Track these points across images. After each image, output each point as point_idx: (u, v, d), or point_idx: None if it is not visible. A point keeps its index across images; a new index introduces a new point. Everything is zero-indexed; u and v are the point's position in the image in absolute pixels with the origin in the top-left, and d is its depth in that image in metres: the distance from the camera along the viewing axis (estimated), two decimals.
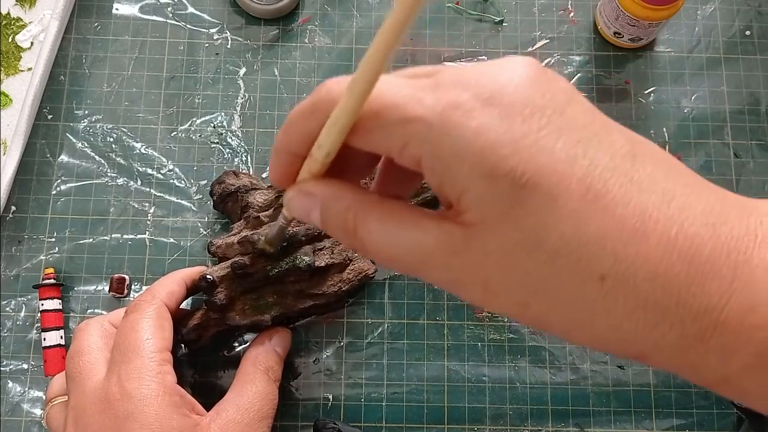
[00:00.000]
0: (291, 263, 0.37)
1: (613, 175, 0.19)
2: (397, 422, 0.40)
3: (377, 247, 0.21)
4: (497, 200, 0.19)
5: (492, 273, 0.20)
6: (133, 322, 0.33)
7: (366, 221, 0.21)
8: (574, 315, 0.20)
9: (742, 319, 0.18)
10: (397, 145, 0.20)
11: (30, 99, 0.44)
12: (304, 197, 0.23)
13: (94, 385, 0.32)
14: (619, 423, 0.41)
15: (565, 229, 0.19)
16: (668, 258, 0.18)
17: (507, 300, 0.20)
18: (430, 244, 0.20)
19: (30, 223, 0.43)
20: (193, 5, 0.48)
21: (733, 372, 0.19)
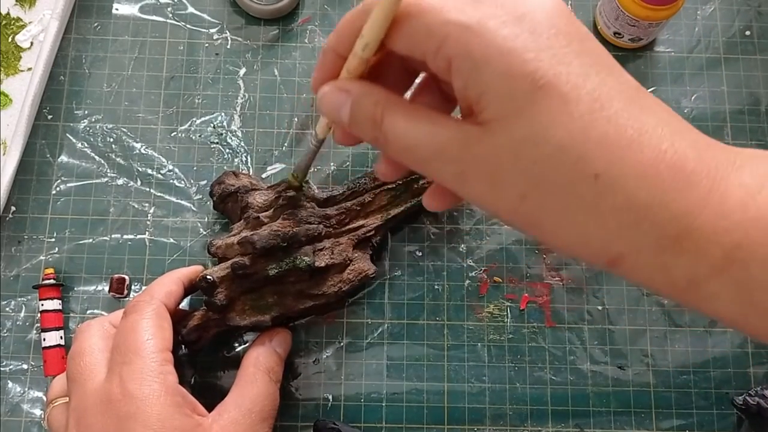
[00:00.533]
0: (291, 263, 0.37)
1: (620, 97, 0.22)
2: (396, 422, 0.40)
3: (398, 138, 0.24)
4: (515, 97, 0.21)
5: (498, 164, 0.22)
6: (133, 322, 0.33)
7: (393, 114, 0.24)
8: (566, 209, 0.22)
9: (714, 224, 0.21)
10: (435, 45, 0.22)
11: (30, 99, 0.44)
12: (338, 92, 0.25)
13: (95, 386, 0.32)
14: (618, 423, 0.41)
15: (572, 129, 0.21)
16: (656, 166, 0.21)
17: (507, 192, 0.23)
18: (446, 137, 0.23)
19: (30, 223, 0.43)
20: (193, 5, 0.48)
21: (701, 273, 0.21)
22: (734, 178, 0.21)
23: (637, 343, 0.42)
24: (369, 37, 0.24)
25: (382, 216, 0.41)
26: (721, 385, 0.41)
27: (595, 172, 0.21)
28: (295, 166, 0.36)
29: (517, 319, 0.42)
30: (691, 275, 0.22)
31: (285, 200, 0.38)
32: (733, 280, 0.21)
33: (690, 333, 0.42)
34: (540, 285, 0.43)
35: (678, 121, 0.22)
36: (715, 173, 0.21)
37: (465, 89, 0.22)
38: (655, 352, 0.42)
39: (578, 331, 0.42)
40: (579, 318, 0.42)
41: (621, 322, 0.42)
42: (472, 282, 0.43)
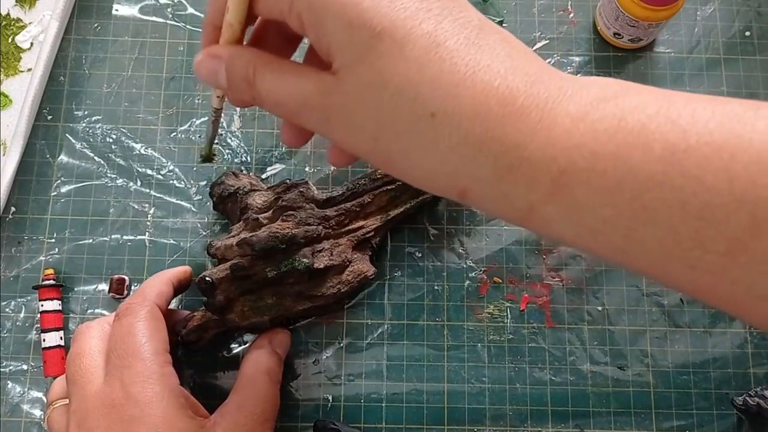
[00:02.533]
0: (290, 265, 0.37)
1: (457, 37, 0.22)
2: (396, 423, 0.40)
3: (268, 93, 0.25)
4: (355, 47, 0.23)
5: (350, 109, 0.24)
6: (128, 325, 0.33)
7: (262, 71, 0.25)
8: (411, 148, 0.23)
9: (543, 152, 0.22)
10: (287, 3, 0.24)
11: (30, 100, 0.44)
12: (211, 59, 0.27)
13: (95, 390, 0.31)
14: (618, 424, 0.41)
15: (407, 71, 0.22)
16: (488, 102, 0.22)
17: (362, 135, 0.24)
18: (308, 89, 0.24)
19: (30, 223, 0.43)
20: (193, 6, 0.48)
21: (536, 199, 0.23)
22: (562, 107, 0.22)
23: (637, 344, 0.42)
24: (232, 11, 0.26)
25: (381, 217, 0.41)
26: (721, 386, 0.41)
27: (431, 111, 0.22)
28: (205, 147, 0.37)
29: (516, 319, 0.42)
30: (528, 202, 0.23)
31: (285, 201, 0.38)
32: (563, 204, 0.22)
33: (690, 333, 0.42)
34: (540, 285, 0.43)
35: (517, 57, 0.23)
36: (544, 105, 0.22)
37: (317, 41, 0.24)
38: (655, 352, 0.42)
39: (578, 332, 0.42)
40: (579, 318, 0.42)
41: (621, 322, 0.42)
42: (472, 282, 0.43)
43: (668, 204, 0.20)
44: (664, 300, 0.43)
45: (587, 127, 0.22)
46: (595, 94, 0.22)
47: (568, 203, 0.22)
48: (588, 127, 0.22)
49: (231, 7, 0.26)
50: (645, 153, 0.21)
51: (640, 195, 0.21)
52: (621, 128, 0.21)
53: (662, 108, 0.21)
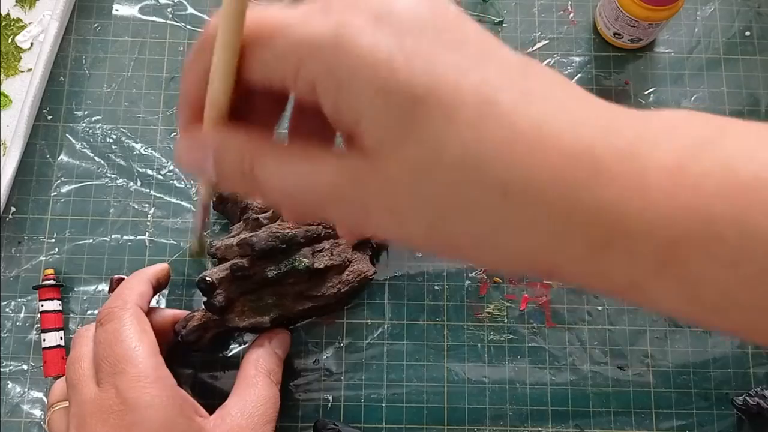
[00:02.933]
0: (290, 265, 0.37)
1: (507, 89, 0.19)
2: (397, 423, 0.40)
3: (276, 186, 0.21)
4: (394, 118, 0.18)
5: (397, 197, 0.19)
6: (115, 332, 0.32)
7: (262, 160, 0.21)
8: (482, 232, 0.19)
9: (643, 221, 0.18)
10: (292, 70, 0.19)
11: (30, 100, 0.44)
12: (195, 147, 0.22)
13: (92, 395, 0.31)
14: (619, 424, 0.41)
15: (463, 140, 0.18)
16: (566, 163, 0.18)
17: (415, 225, 0.20)
18: (331, 176, 0.20)
19: (30, 224, 0.43)
20: (193, 6, 0.48)
21: (640, 276, 0.19)
22: (654, 160, 0.18)
23: (637, 344, 0.42)
24: (218, 82, 0.20)
25: None
26: (721, 386, 0.41)
27: (502, 183, 0.18)
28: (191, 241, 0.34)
29: (516, 319, 0.42)
30: (631, 277, 0.19)
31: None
32: (674, 279, 0.19)
33: (690, 333, 0.42)
34: (540, 285, 0.43)
35: (576, 100, 0.20)
36: (630, 159, 0.18)
37: (337, 114, 0.19)
38: (655, 352, 0.42)
39: (578, 332, 0.42)
40: (579, 318, 0.42)
41: (621, 322, 0.42)
42: (472, 282, 0.43)
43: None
44: None
45: (691, 183, 0.18)
46: (687, 138, 0.19)
47: (680, 278, 0.19)
48: (692, 183, 0.18)
49: (216, 78, 0.20)
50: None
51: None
52: (733, 183, 0.18)
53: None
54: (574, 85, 0.21)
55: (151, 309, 0.38)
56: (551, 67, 0.21)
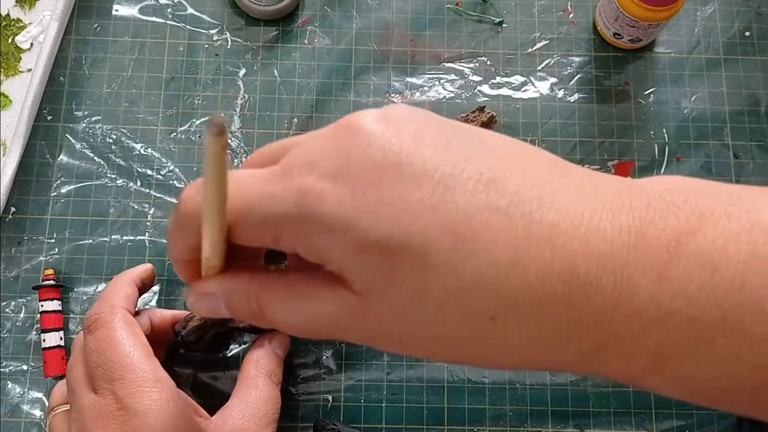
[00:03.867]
0: None
1: (476, 213, 0.19)
2: (396, 423, 0.40)
3: (285, 323, 0.22)
4: (374, 271, 0.19)
5: (393, 331, 0.20)
6: (106, 338, 0.32)
7: (269, 303, 0.22)
8: (479, 353, 0.21)
9: (630, 326, 0.18)
10: (270, 239, 0.21)
11: (30, 100, 0.44)
12: (205, 299, 0.23)
13: (91, 401, 0.31)
14: (619, 424, 0.41)
15: (443, 283, 0.19)
16: (548, 283, 0.18)
17: (417, 350, 0.21)
18: (331, 313, 0.21)
19: (29, 224, 0.43)
20: (193, 6, 0.48)
21: (636, 373, 0.20)
22: (635, 264, 0.18)
23: None
24: (210, 255, 0.22)
25: None
26: None
27: (489, 315, 0.19)
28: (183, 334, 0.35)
29: None
30: (627, 375, 0.20)
31: None
32: (669, 377, 0.19)
33: None
34: None
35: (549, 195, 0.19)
36: (612, 265, 0.18)
37: (324, 266, 0.20)
38: None
39: None
40: None
41: None
42: None
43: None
44: None
45: (675, 288, 0.18)
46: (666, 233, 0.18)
47: (674, 376, 0.19)
48: (676, 288, 0.18)
49: (208, 251, 0.22)
50: (756, 316, 0.17)
51: (764, 365, 0.18)
52: (717, 285, 0.18)
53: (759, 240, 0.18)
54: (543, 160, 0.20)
55: (151, 310, 0.38)
56: None
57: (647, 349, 0.19)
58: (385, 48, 0.47)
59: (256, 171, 0.21)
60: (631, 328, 0.19)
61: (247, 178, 0.21)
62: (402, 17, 0.48)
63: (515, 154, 0.20)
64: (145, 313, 0.37)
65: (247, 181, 0.21)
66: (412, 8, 0.48)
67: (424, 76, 0.47)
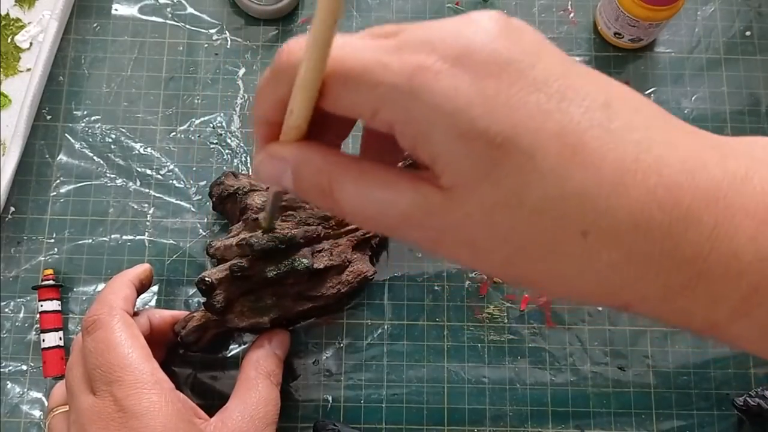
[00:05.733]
0: (289, 266, 0.37)
1: (589, 128, 0.18)
2: (396, 423, 0.40)
3: (354, 208, 0.21)
4: (473, 163, 0.18)
5: (474, 233, 0.20)
6: (104, 340, 0.31)
7: (341, 182, 0.21)
8: (559, 270, 0.20)
9: (726, 266, 0.18)
10: (368, 110, 0.20)
11: (29, 99, 0.44)
12: (274, 161, 0.22)
13: (89, 403, 0.30)
14: (619, 424, 0.41)
15: (545, 187, 0.18)
16: (648, 210, 0.18)
17: (491, 259, 0.20)
18: (406, 205, 0.20)
19: (29, 224, 0.43)
20: (193, 6, 0.48)
21: (721, 318, 0.19)
22: (738, 204, 0.18)
23: (638, 344, 0.42)
24: (297, 113, 0.21)
25: None
26: (722, 386, 0.41)
27: (582, 229, 0.18)
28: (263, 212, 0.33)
29: (517, 320, 0.42)
30: (711, 319, 0.19)
31: (284, 201, 0.38)
32: (756, 324, 0.19)
33: (690, 334, 0.42)
34: None
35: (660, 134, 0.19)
36: (715, 202, 0.18)
37: (414, 151, 0.20)
38: (655, 352, 0.42)
39: (578, 332, 0.42)
40: (579, 319, 0.42)
41: (621, 322, 0.42)
42: (472, 283, 0.43)
43: None
44: None
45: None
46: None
47: (762, 323, 0.19)
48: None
49: (296, 107, 0.21)
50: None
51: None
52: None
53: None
54: (657, 110, 0.20)
55: (150, 310, 0.38)
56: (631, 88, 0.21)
57: (739, 292, 0.19)
58: None
59: (370, 41, 0.20)
60: (726, 269, 0.18)
61: (359, 43, 0.20)
62: (402, 17, 0.48)
63: (629, 94, 0.20)
64: (144, 313, 0.37)
65: (360, 46, 0.20)
66: (412, 8, 0.48)
67: None
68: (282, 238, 0.37)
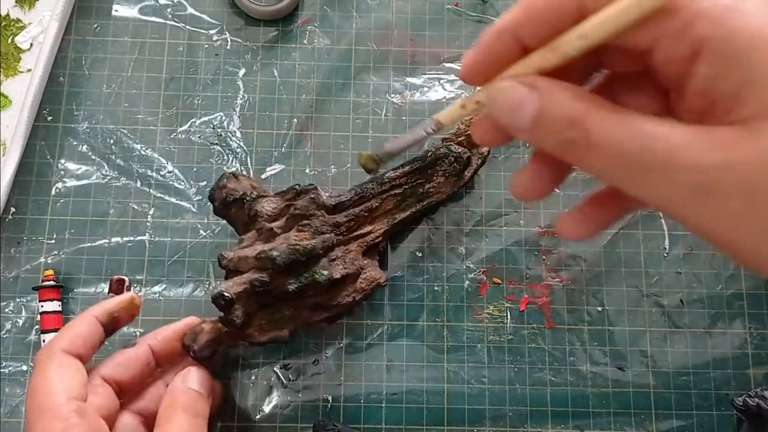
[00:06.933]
0: (310, 278, 0.36)
1: None
2: (396, 423, 0.40)
3: (610, 139, 0.19)
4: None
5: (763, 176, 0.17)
6: (35, 380, 0.32)
7: (598, 111, 0.19)
8: None
9: None
10: (679, 25, 0.18)
11: (29, 100, 0.44)
12: (522, 88, 0.20)
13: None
14: (618, 424, 0.41)
15: None
16: None
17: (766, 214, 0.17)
18: (682, 139, 0.18)
19: (29, 224, 0.43)
20: (193, 6, 0.48)
21: None
22: None
23: (637, 344, 0.42)
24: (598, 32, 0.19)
25: (388, 221, 0.41)
26: (721, 386, 0.41)
27: None
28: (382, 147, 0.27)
29: (516, 320, 0.42)
30: None
31: (297, 210, 0.38)
32: None
33: (690, 334, 0.42)
34: (540, 286, 0.43)
35: None
36: None
37: (715, 79, 0.18)
38: (654, 353, 0.42)
39: (578, 332, 0.42)
40: (579, 319, 0.42)
41: (621, 323, 0.42)
42: (472, 283, 0.43)
43: None
44: (664, 301, 0.43)
45: None
46: None
47: None
48: None
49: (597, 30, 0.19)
50: None
51: None
52: None
53: None
54: None
55: (149, 335, 0.37)
56: None
57: None
58: (384, 48, 0.47)
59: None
60: None
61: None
62: (402, 17, 0.48)
63: None
64: (143, 342, 0.36)
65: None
66: (412, 8, 0.48)
67: (424, 76, 0.47)
68: (303, 250, 0.36)
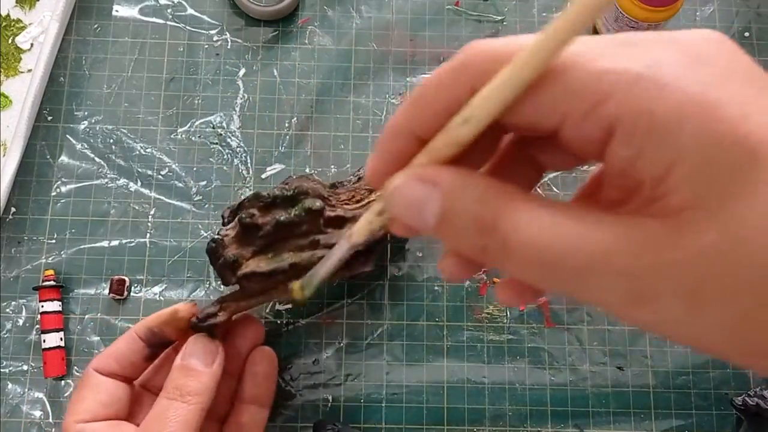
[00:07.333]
0: (300, 207, 0.35)
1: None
2: (396, 423, 0.40)
3: (527, 243, 0.16)
4: (723, 175, 0.15)
5: (704, 276, 0.15)
6: None
7: (512, 213, 0.17)
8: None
9: None
10: (588, 104, 0.16)
11: (30, 100, 0.44)
12: (420, 185, 0.18)
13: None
14: (618, 424, 0.41)
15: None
16: None
17: (717, 315, 0.15)
18: (607, 239, 0.16)
19: (30, 224, 0.43)
20: (193, 7, 0.48)
21: None
22: None
23: (637, 344, 0.42)
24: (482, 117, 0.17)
25: None
26: (721, 386, 0.41)
27: None
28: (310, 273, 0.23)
29: (516, 319, 0.42)
30: None
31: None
32: None
33: None
34: None
35: None
36: None
37: (636, 161, 0.16)
38: (654, 352, 0.42)
39: (577, 332, 0.42)
40: (578, 319, 0.42)
41: (620, 322, 0.42)
42: (472, 283, 0.43)
43: None
44: None
45: None
46: None
47: None
48: None
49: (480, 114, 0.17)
50: None
51: None
52: None
53: None
54: None
55: None
56: None
57: None
58: (385, 48, 0.47)
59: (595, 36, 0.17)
60: None
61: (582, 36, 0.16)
62: (402, 17, 0.48)
63: None
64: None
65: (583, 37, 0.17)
66: (412, 9, 0.48)
67: (424, 76, 0.47)
68: (291, 183, 0.36)
